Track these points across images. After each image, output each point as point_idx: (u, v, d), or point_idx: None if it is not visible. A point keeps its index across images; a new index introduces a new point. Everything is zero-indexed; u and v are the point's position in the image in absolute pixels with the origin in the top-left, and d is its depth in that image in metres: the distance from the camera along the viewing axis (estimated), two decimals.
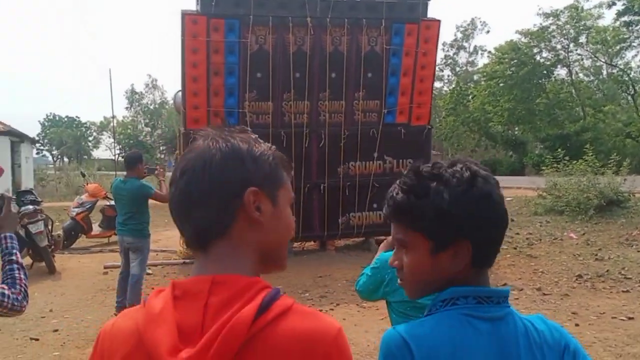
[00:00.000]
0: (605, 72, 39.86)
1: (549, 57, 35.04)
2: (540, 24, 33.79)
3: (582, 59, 36.83)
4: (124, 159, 7.35)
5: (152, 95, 60.89)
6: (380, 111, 8.73)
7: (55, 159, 63.68)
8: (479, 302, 1.08)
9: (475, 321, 1.06)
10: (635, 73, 35.35)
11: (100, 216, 11.04)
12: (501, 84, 34.84)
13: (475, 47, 50.08)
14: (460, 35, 49.56)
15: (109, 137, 61.88)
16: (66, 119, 65.16)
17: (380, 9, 8.35)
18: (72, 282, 7.76)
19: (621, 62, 34.39)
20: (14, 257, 2.16)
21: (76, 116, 65.99)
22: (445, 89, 47.06)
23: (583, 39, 34.08)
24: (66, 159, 60.75)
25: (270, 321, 0.82)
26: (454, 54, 50.00)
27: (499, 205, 1.10)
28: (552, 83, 35.50)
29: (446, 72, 50.08)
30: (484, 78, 38.14)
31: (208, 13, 7.79)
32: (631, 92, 33.25)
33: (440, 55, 42.35)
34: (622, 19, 28.66)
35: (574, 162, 12.94)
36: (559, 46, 34.58)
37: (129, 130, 57.83)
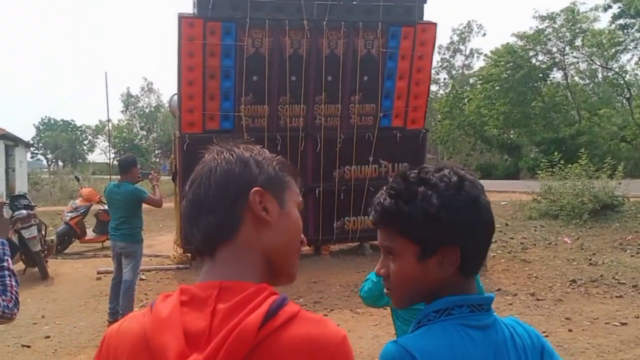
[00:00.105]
0: (600, 75, 39.94)
1: (545, 60, 35.09)
2: (537, 27, 33.79)
3: (577, 62, 36.88)
4: (118, 162, 7.32)
5: (147, 99, 60.86)
6: (376, 115, 8.72)
7: (49, 162, 63.45)
8: (472, 311, 1.08)
9: (470, 330, 1.06)
10: (631, 76, 35.51)
11: (95, 221, 10.97)
12: (497, 87, 34.83)
13: (472, 50, 50.12)
14: (456, 38, 49.60)
15: (104, 140, 61.82)
16: (61, 122, 64.95)
17: (377, 12, 8.33)
18: (65, 288, 7.71)
19: (616, 66, 34.47)
20: (5, 264, 2.14)
21: (71, 119, 65.83)
22: (441, 92, 47.05)
23: (579, 42, 34.13)
24: (61, 163, 60.53)
25: (277, 328, 0.83)
26: (450, 56, 50.08)
27: (487, 209, 1.11)
28: (547, 86, 35.52)
29: (442, 75, 50.09)
30: (479, 81, 38.19)
31: (205, 16, 7.76)
32: (626, 95, 33.31)
33: (436, 58, 42.63)
34: (617, 22, 28.68)
35: (569, 165, 12.93)
36: (554, 49, 34.62)
37: (125, 133, 57.63)
